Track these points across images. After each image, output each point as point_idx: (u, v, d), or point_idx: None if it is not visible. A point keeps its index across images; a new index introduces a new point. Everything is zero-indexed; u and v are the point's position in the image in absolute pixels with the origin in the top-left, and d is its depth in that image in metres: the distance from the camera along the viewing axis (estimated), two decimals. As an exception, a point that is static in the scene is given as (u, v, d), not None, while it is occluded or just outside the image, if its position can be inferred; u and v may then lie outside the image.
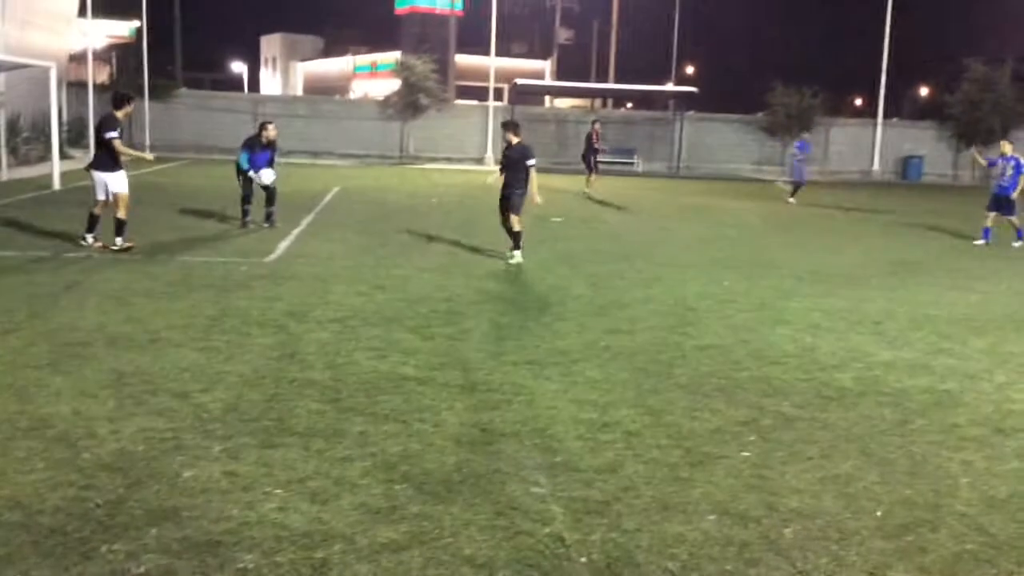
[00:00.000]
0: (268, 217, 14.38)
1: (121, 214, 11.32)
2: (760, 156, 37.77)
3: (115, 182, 11.32)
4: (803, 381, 6.89)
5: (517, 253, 11.93)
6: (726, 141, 37.84)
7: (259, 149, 14.12)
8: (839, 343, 8.16)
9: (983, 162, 17.45)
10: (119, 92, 12.11)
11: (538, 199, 12.05)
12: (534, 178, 11.89)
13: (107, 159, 11.27)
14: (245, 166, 14.04)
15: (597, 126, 24.80)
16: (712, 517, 4.47)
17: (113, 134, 11.18)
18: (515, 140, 12.02)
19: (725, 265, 12.47)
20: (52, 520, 4.13)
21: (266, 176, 14.10)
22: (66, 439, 5.09)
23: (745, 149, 37.84)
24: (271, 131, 14.27)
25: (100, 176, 11.32)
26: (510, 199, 11.92)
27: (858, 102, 66.97)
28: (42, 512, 4.20)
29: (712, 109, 39.43)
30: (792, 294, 10.44)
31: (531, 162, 11.86)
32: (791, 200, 23.55)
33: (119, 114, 11.35)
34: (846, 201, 24.83)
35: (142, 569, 3.75)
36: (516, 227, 11.95)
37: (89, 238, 11.52)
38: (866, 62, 41.15)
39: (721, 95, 44.91)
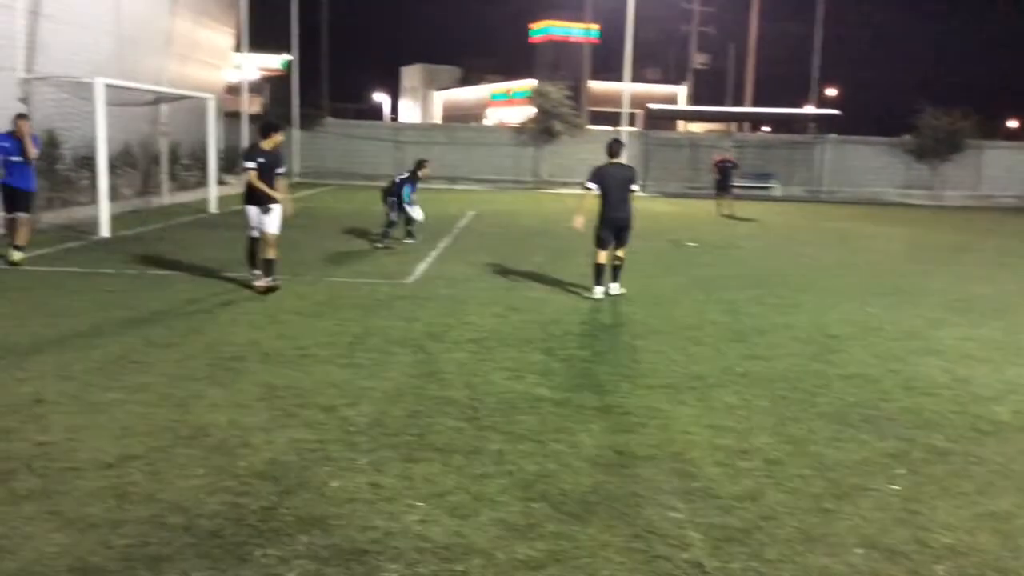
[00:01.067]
0: (409, 234, 15.61)
1: (270, 254, 10.47)
2: (907, 180, 36.28)
3: (261, 217, 10.43)
4: (956, 414, 6.57)
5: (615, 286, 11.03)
6: (870, 164, 36.53)
7: (417, 182, 15.53)
8: (995, 375, 7.75)
9: None
10: (266, 120, 11.31)
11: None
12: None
13: (252, 191, 10.35)
14: (407, 200, 15.24)
15: (716, 154, 25.06)
16: (859, 551, 4.32)
17: (249, 164, 10.28)
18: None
19: (869, 292, 12.03)
20: (210, 524, 4.36)
21: (416, 212, 15.47)
22: (223, 447, 5.37)
23: (890, 173, 36.43)
24: (427, 170, 15.81)
25: (248, 209, 10.52)
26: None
27: (1013, 124, 63.53)
28: (201, 516, 4.44)
29: (855, 132, 38.19)
30: (942, 323, 9.98)
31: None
32: None
33: (265, 144, 10.43)
34: (1002, 228, 23.55)
35: (293, 574, 3.92)
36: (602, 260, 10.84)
37: (256, 274, 10.66)
38: (1021, 82, 39.02)
39: (865, 117, 43.44)
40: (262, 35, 34.43)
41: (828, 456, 5.59)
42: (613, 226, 10.73)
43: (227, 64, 32.41)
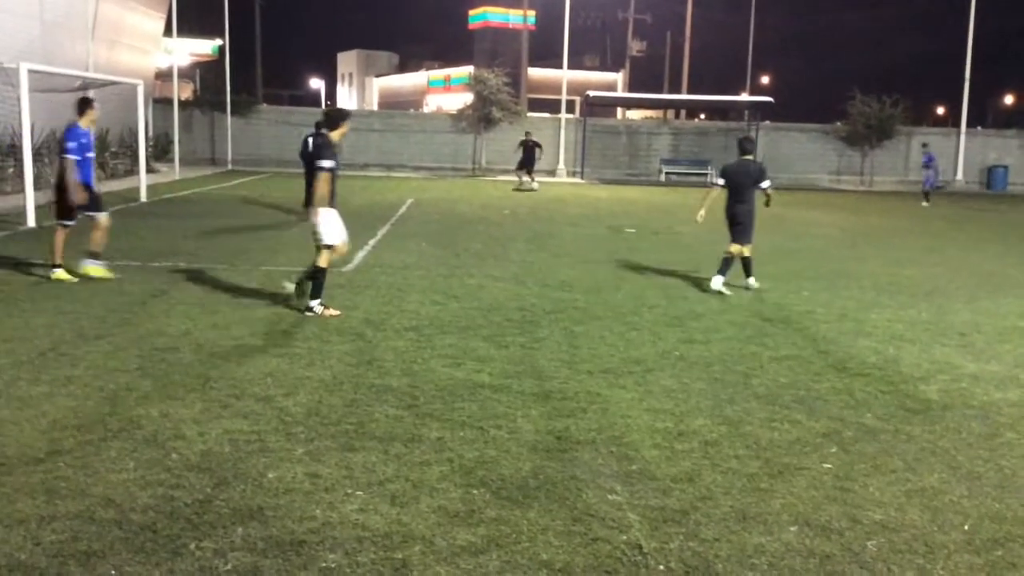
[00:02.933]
0: None
1: (322, 262, 8.80)
2: (839, 166, 37.10)
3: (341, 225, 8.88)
4: (886, 393, 6.74)
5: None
6: (803, 151, 37.26)
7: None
8: (923, 355, 7.96)
9: None
10: (335, 109, 8.91)
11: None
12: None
13: (333, 196, 8.66)
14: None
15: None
16: (793, 528, 4.41)
17: (327, 164, 8.44)
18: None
19: (803, 276, 12.27)
20: (143, 518, 4.26)
21: None
22: (155, 440, 5.26)
23: (823, 159, 37.21)
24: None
25: (334, 216, 8.76)
26: None
27: (940, 111, 65.33)
28: (133, 510, 4.34)
29: (788, 119, 38.90)
30: (873, 305, 10.22)
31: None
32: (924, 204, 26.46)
33: (335, 135, 8.64)
34: (929, 212, 24.20)
35: (229, 566, 3.85)
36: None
37: (315, 305, 8.73)
38: (948, 70, 40.13)
39: (797, 104, 44.25)
40: (193, 19, 33.73)
41: (763, 436, 5.69)
42: (731, 219, 10.90)
43: (157, 49, 31.67)
